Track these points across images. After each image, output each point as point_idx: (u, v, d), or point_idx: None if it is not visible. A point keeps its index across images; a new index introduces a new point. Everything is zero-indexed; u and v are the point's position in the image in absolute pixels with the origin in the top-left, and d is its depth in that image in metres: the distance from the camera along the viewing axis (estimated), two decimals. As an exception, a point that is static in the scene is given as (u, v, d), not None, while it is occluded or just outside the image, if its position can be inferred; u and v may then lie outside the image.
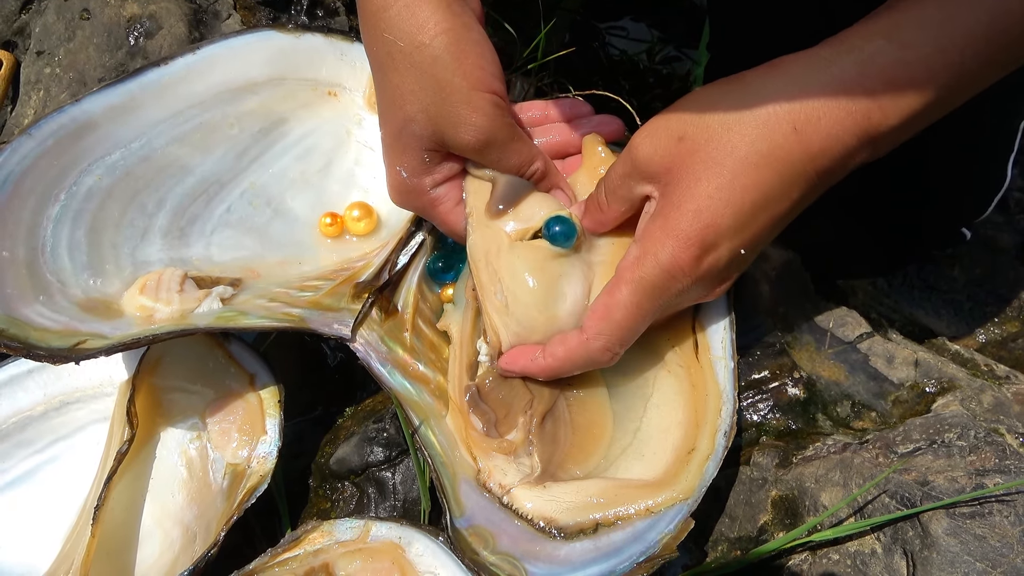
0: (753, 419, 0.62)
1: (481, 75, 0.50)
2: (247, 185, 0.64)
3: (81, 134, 0.57)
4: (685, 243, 0.47)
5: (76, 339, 0.50)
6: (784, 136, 0.45)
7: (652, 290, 0.48)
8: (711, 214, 0.46)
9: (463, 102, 0.49)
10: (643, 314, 0.49)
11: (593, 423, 0.54)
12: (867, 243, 0.81)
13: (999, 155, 0.74)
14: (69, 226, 0.56)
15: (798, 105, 0.45)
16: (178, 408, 0.59)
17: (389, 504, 0.59)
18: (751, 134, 0.46)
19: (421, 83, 0.50)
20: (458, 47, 0.49)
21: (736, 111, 0.46)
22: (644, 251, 0.48)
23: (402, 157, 0.54)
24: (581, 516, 0.50)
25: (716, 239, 0.47)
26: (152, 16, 0.76)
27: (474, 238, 0.55)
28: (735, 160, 0.46)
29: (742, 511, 0.58)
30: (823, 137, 0.45)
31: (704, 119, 0.47)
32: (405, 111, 0.51)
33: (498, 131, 0.51)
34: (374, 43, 0.52)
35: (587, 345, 0.50)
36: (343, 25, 0.85)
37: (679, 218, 0.47)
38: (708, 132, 0.47)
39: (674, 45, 1.24)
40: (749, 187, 0.46)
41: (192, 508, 0.57)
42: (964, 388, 0.62)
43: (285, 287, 0.59)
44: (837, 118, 0.45)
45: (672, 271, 0.48)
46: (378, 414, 0.62)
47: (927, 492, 0.49)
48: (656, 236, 0.48)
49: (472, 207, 0.55)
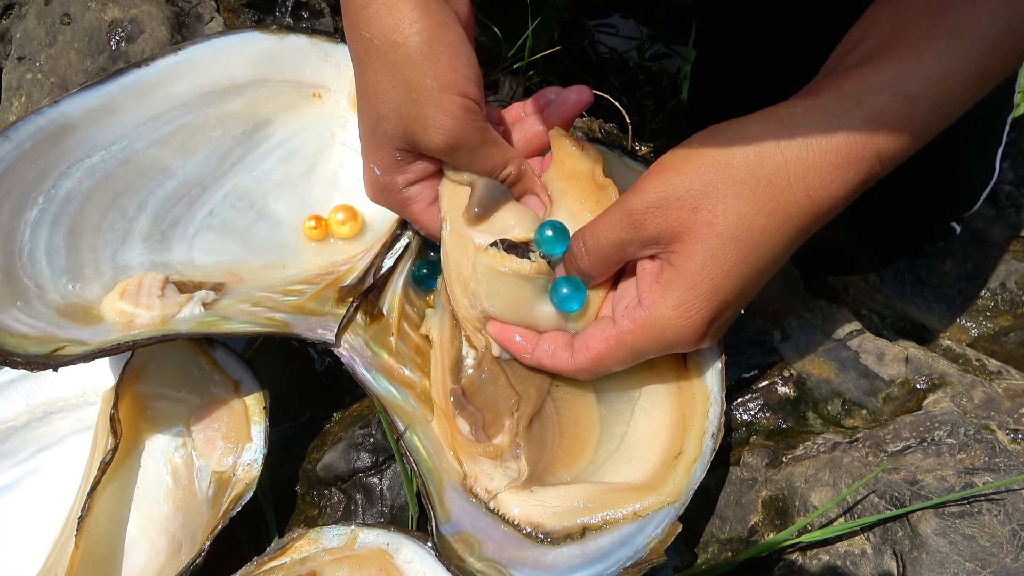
0: (743, 418, 0.62)
1: (453, 77, 0.49)
2: (230, 188, 0.63)
3: (60, 136, 0.56)
4: (699, 323, 0.47)
5: (54, 345, 0.49)
6: (798, 205, 0.46)
7: (650, 350, 0.49)
8: (725, 293, 0.47)
9: (432, 103, 0.49)
10: (634, 360, 0.51)
11: (580, 425, 0.53)
12: (857, 240, 0.81)
13: (987, 150, 0.74)
14: (47, 230, 0.55)
15: (812, 173, 0.45)
16: (162, 416, 0.59)
17: (377, 510, 0.58)
18: (767, 207, 0.46)
19: (394, 82, 0.50)
20: (431, 48, 0.49)
21: (751, 181, 0.46)
22: (651, 324, 0.48)
23: (375, 155, 0.53)
24: (568, 521, 0.49)
25: (725, 310, 0.48)
26: (134, 20, 0.76)
27: (447, 246, 0.54)
28: (752, 236, 0.46)
29: (732, 512, 0.57)
30: (831, 199, 0.46)
31: (718, 189, 0.46)
32: (378, 110, 0.51)
33: (467, 135, 0.50)
34: (354, 41, 0.52)
35: (570, 368, 0.52)
36: (328, 26, 0.84)
37: (695, 300, 0.47)
38: (724, 205, 0.46)
39: (663, 42, 1.24)
40: (762, 258, 0.47)
41: (178, 517, 0.56)
42: (955, 384, 0.61)
43: (268, 291, 0.58)
44: (846, 179, 0.46)
45: (678, 343, 0.48)
46: (365, 419, 0.61)
47: (916, 492, 0.49)
48: (665, 314, 0.47)
49: (446, 211, 0.54)
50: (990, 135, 0.73)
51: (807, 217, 0.46)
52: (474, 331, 0.54)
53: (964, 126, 0.71)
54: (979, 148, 0.74)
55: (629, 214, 0.48)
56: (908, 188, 0.75)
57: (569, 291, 0.51)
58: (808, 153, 0.45)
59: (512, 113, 0.58)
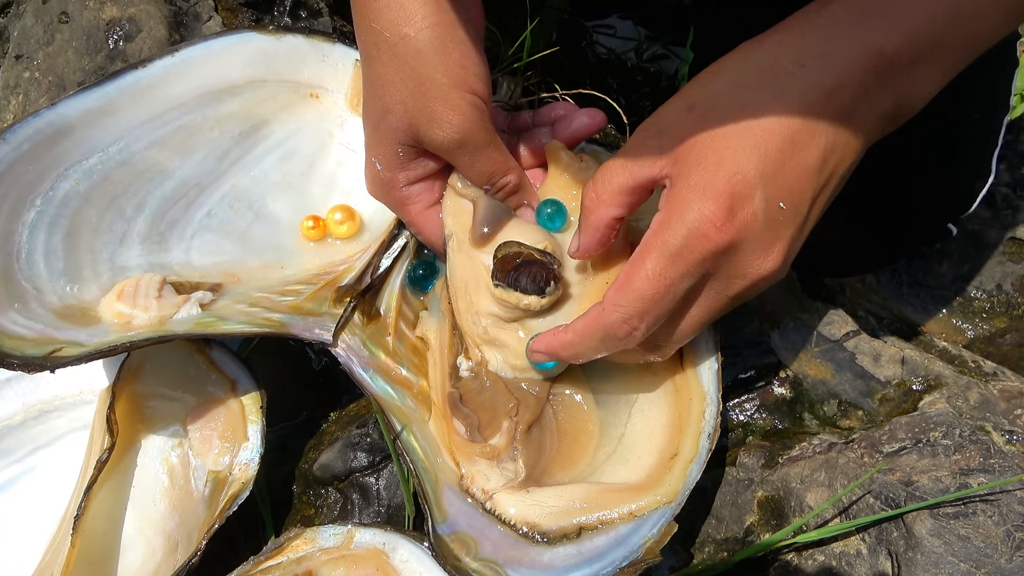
0: (739, 419, 0.62)
1: (463, 74, 0.49)
2: (228, 188, 0.63)
3: (57, 139, 0.56)
4: (713, 195, 0.42)
5: (52, 347, 0.49)
6: (791, 75, 0.43)
7: (679, 254, 0.43)
8: (735, 163, 0.42)
9: (441, 99, 0.49)
10: (668, 283, 0.43)
11: (580, 430, 0.54)
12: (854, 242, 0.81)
13: (983, 151, 0.74)
14: (45, 232, 0.55)
15: (801, 45, 0.43)
16: (159, 415, 0.59)
17: (373, 510, 0.58)
18: (758, 83, 0.43)
19: (402, 75, 0.49)
20: (442, 43, 0.49)
21: (740, 67, 0.44)
22: (668, 213, 0.43)
23: (378, 148, 0.53)
24: (564, 521, 0.49)
25: (746, 189, 0.42)
26: (132, 19, 0.76)
27: (454, 264, 0.54)
28: (746, 109, 0.43)
29: (728, 512, 0.57)
30: (836, 71, 0.43)
31: (709, 84, 0.45)
32: (384, 102, 0.51)
33: (474, 133, 0.50)
34: (362, 33, 0.51)
35: (603, 317, 0.45)
36: (326, 26, 0.84)
37: (702, 173, 0.42)
38: (716, 96, 0.44)
39: (662, 43, 1.24)
40: (769, 130, 0.42)
41: (174, 516, 0.56)
42: (951, 385, 0.61)
43: (266, 292, 0.58)
44: (846, 50, 0.43)
45: (702, 228, 0.42)
46: (362, 419, 0.61)
47: (911, 492, 0.49)
48: (681, 195, 0.43)
49: (452, 229, 0.54)
50: (986, 137, 0.74)
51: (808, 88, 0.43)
52: (474, 345, 0.54)
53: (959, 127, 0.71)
54: (975, 150, 0.74)
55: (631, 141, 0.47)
56: (905, 190, 0.75)
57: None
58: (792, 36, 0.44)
59: (519, 121, 0.58)
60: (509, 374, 0.54)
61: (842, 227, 0.80)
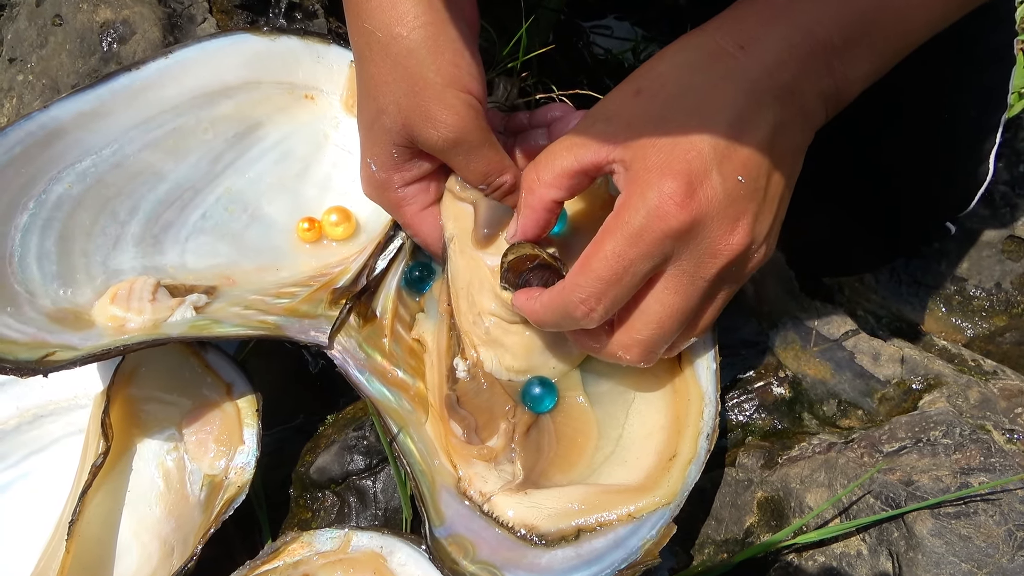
0: (739, 419, 0.62)
1: (457, 73, 0.48)
2: (223, 191, 0.63)
3: (50, 141, 0.56)
4: (671, 174, 0.43)
5: (44, 351, 0.49)
6: (732, 57, 0.45)
7: (639, 235, 0.43)
8: (688, 142, 0.43)
9: (435, 98, 0.48)
10: (625, 264, 0.44)
11: (578, 432, 0.53)
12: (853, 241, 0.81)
13: (981, 150, 0.74)
14: (38, 235, 0.55)
15: (740, 28, 0.45)
16: (154, 419, 0.58)
17: (370, 513, 0.58)
18: (700, 63, 0.45)
19: (395, 75, 0.49)
20: (435, 42, 0.48)
21: (684, 53, 0.46)
22: (629, 195, 0.44)
23: (372, 149, 0.53)
24: (563, 523, 0.49)
25: (703, 166, 0.43)
26: (125, 21, 0.75)
27: (456, 266, 0.54)
28: (694, 90, 0.44)
29: (728, 513, 0.57)
30: (775, 50, 0.45)
31: (655, 69, 0.46)
32: (378, 102, 0.50)
33: (469, 133, 0.49)
34: (355, 33, 0.51)
35: (564, 296, 0.46)
36: (321, 27, 0.84)
37: (657, 154, 0.43)
38: (662, 79, 0.45)
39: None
40: (718, 107, 0.44)
41: (169, 521, 0.56)
42: (951, 384, 0.61)
43: (261, 294, 0.58)
44: (782, 33, 0.45)
45: (662, 207, 0.43)
46: (359, 421, 0.61)
47: (912, 492, 0.49)
48: (640, 177, 0.44)
49: (453, 232, 0.54)
50: (984, 135, 0.73)
51: (750, 67, 0.44)
52: (471, 346, 0.54)
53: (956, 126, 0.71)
54: (973, 148, 0.74)
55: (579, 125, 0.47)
56: (903, 189, 0.74)
57: (541, 391, 0.52)
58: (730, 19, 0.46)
59: (516, 122, 0.58)
60: (504, 376, 0.54)
61: (840, 226, 0.79)
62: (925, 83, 0.67)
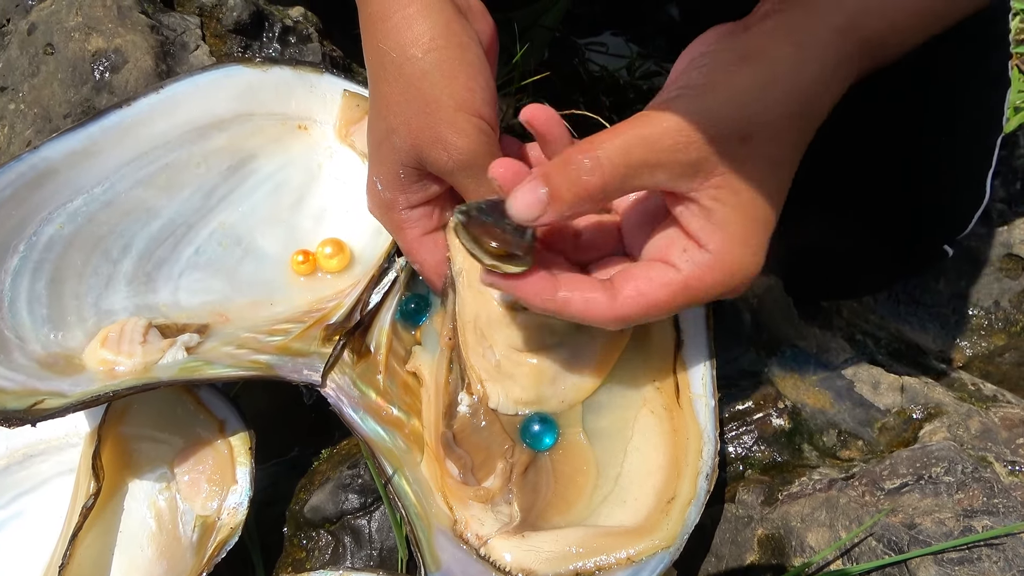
0: (738, 452, 0.61)
1: (470, 97, 0.48)
2: (216, 225, 0.62)
3: (40, 182, 0.55)
4: (761, 253, 0.44)
5: (34, 399, 0.48)
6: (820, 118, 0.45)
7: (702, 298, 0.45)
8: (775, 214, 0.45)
9: (446, 121, 0.48)
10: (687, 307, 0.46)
11: (576, 471, 0.52)
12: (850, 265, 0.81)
13: (978, 172, 0.74)
14: (29, 278, 0.54)
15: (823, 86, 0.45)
16: (146, 458, 0.58)
17: (365, 553, 0.57)
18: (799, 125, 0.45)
19: (407, 96, 0.48)
20: (450, 65, 0.48)
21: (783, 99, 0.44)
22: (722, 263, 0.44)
23: (380, 167, 0.52)
24: (561, 567, 0.48)
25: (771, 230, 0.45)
26: (118, 50, 0.75)
27: (464, 299, 0.53)
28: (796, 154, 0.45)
29: (728, 550, 0.56)
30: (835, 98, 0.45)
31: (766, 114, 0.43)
32: (388, 122, 0.50)
33: (479, 157, 0.48)
34: (370, 52, 0.51)
35: (606, 315, 0.45)
36: (316, 52, 0.84)
37: (755, 232, 0.44)
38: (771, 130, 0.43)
39: (654, 60, 1.24)
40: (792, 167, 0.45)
41: (161, 563, 0.55)
42: (951, 414, 0.61)
43: (254, 332, 0.57)
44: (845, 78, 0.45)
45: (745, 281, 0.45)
46: (353, 458, 0.60)
47: (914, 536, 0.48)
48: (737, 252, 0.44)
49: (462, 266, 0.53)
50: (980, 157, 0.73)
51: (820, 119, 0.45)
52: (477, 380, 0.53)
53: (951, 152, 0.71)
54: (970, 171, 0.74)
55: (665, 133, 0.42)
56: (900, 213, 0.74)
57: (541, 427, 0.51)
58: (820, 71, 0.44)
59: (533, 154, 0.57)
60: (511, 410, 0.53)
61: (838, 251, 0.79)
62: (924, 105, 0.67)
